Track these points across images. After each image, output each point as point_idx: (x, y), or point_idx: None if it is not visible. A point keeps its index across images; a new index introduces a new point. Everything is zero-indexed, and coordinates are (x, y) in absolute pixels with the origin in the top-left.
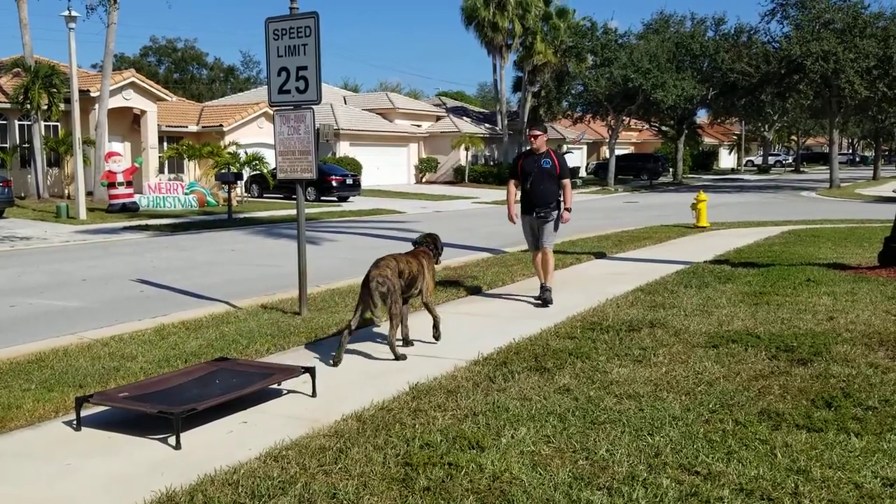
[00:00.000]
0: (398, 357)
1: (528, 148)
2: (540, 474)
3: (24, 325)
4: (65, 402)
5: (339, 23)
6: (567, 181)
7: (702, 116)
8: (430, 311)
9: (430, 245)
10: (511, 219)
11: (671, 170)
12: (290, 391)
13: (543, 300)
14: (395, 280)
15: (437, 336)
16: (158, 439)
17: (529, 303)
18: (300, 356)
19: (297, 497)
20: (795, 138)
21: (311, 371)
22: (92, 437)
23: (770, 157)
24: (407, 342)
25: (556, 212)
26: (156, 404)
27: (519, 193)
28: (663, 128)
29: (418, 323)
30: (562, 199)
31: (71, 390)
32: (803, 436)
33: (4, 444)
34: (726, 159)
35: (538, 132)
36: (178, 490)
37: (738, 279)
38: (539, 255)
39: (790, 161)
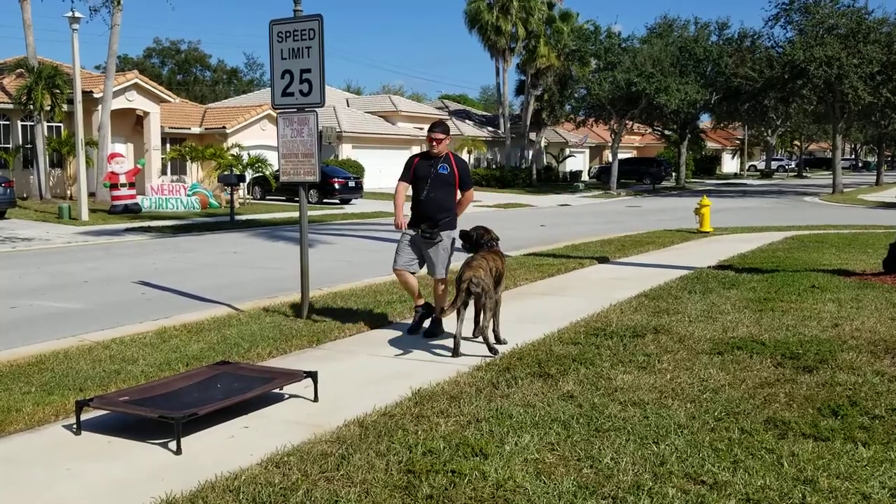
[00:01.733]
0: (492, 350)
1: (425, 149)
2: (544, 483)
3: (24, 327)
4: (65, 406)
5: (342, 25)
6: (469, 192)
7: (705, 121)
8: (497, 307)
9: (493, 241)
10: (399, 224)
11: (674, 174)
12: (291, 396)
13: (419, 323)
14: (489, 279)
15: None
16: (159, 444)
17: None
18: (302, 360)
19: None
20: (798, 143)
21: (313, 376)
22: (92, 441)
23: (773, 162)
24: (499, 341)
25: (449, 231)
26: (157, 408)
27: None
28: (666, 132)
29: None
30: (458, 206)
31: (71, 393)
32: (810, 445)
33: (4, 448)
34: (729, 164)
35: (441, 135)
36: (179, 496)
37: (743, 285)
38: (405, 274)
39: (793, 166)
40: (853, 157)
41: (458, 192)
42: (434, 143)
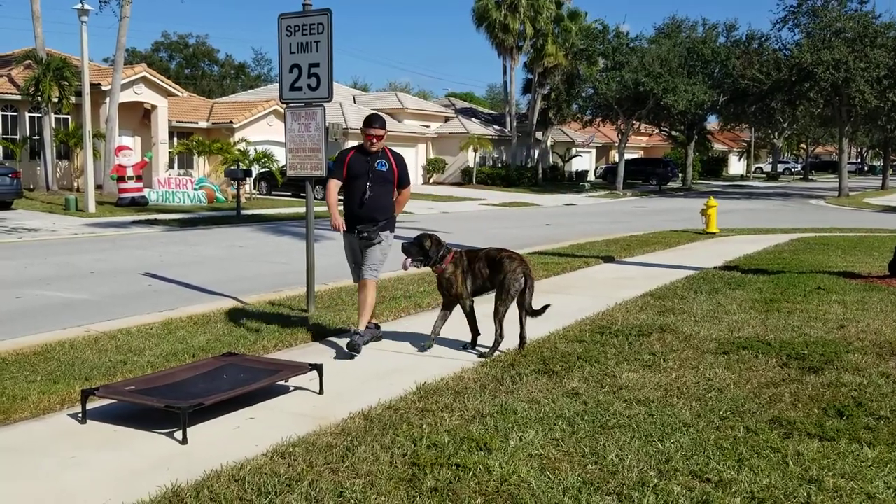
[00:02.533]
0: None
1: (359, 144)
2: (548, 478)
3: (30, 317)
4: (70, 395)
5: (349, 23)
6: (407, 190)
7: (712, 122)
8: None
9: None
10: (336, 225)
11: (680, 175)
12: (297, 388)
13: (351, 345)
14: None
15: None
16: (165, 434)
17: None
18: (307, 353)
19: (303, 495)
20: (805, 146)
21: (318, 368)
22: (97, 430)
23: (779, 165)
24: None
25: (387, 231)
26: (163, 398)
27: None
28: (673, 133)
29: (424, 323)
30: (396, 205)
31: (77, 383)
32: (815, 444)
33: (9, 437)
34: (736, 166)
35: (381, 131)
36: (184, 486)
37: (749, 286)
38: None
39: (799, 169)
40: (859, 160)
41: (396, 190)
42: (374, 141)
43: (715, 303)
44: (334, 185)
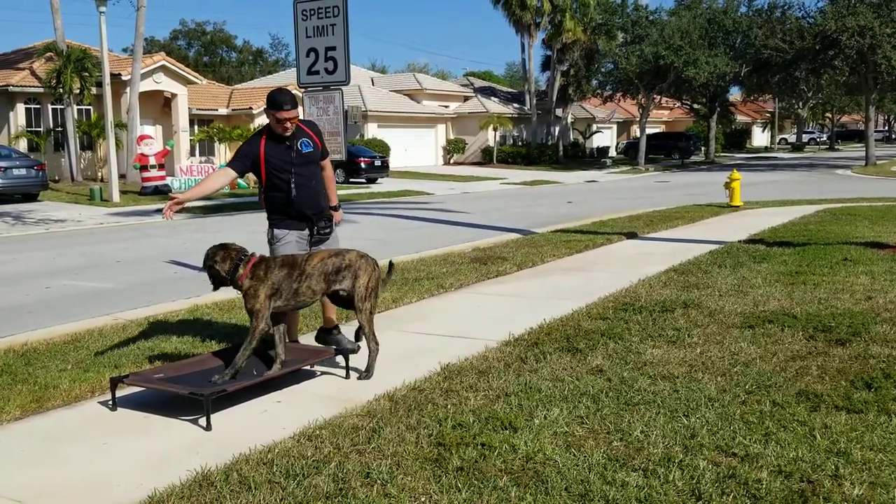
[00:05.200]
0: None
1: (266, 126)
2: (574, 455)
3: (59, 306)
4: (100, 383)
5: (366, 3)
6: (328, 161)
7: (734, 94)
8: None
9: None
10: (168, 208)
11: (703, 149)
12: (323, 372)
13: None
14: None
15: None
16: (193, 420)
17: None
18: None
19: (331, 476)
20: (830, 115)
21: (343, 352)
22: (127, 417)
23: (804, 135)
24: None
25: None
26: (190, 385)
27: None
28: (695, 106)
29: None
30: (327, 190)
31: (106, 370)
32: (843, 417)
33: (42, 424)
34: (759, 137)
35: (296, 111)
36: (214, 469)
37: (774, 259)
38: None
39: (825, 139)
40: (886, 128)
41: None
42: (289, 125)
43: (739, 277)
44: (224, 173)
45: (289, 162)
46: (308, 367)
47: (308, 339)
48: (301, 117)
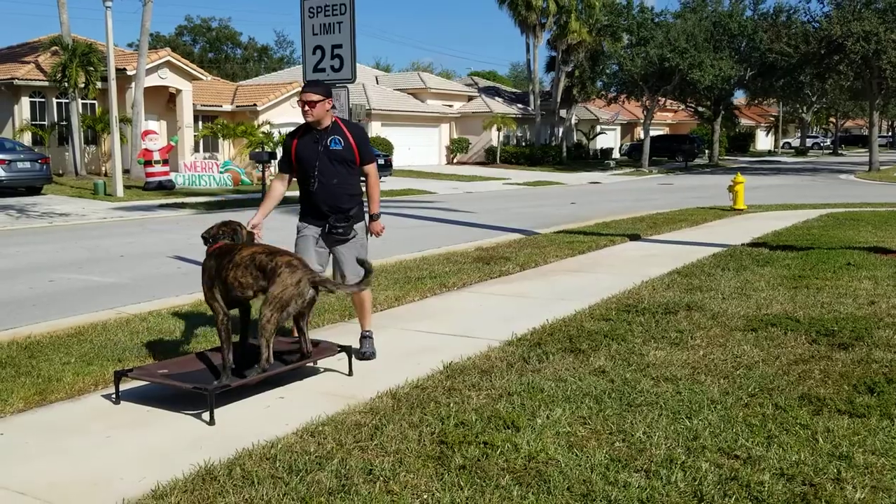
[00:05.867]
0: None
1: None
2: (576, 455)
3: (63, 300)
4: (104, 376)
5: (371, 1)
6: (372, 168)
7: (739, 97)
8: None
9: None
10: (252, 224)
11: (707, 151)
12: (326, 369)
13: (362, 354)
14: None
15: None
16: (197, 414)
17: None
18: (335, 334)
19: (333, 472)
20: (834, 120)
21: (347, 350)
22: (131, 410)
23: (808, 140)
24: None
25: (362, 222)
26: (194, 380)
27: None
28: (699, 109)
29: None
30: (367, 197)
31: (110, 364)
32: (845, 421)
33: (46, 417)
34: (763, 141)
35: (316, 96)
36: (217, 464)
37: (777, 262)
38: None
39: (828, 143)
40: (890, 134)
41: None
42: (307, 108)
43: (743, 280)
44: (279, 183)
45: (314, 156)
46: (311, 364)
47: (327, 334)
48: (331, 111)
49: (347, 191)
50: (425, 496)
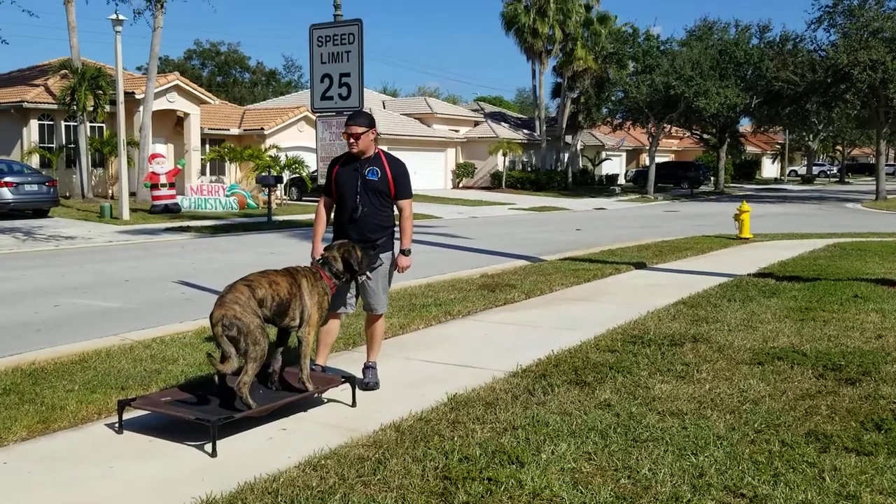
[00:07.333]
0: (248, 405)
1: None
2: (581, 492)
3: (67, 325)
4: (107, 404)
5: (377, 26)
6: (406, 203)
7: (745, 125)
8: (301, 347)
9: (326, 262)
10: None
11: (712, 179)
12: (330, 400)
13: (366, 384)
14: (250, 316)
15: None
16: (199, 445)
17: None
18: (338, 362)
19: None
20: (841, 148)
21: (350, 380)
22: (134, 440)
23: (814, 168)
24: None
25: (390, 252)
26: (197, 410)
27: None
28: (705, 136)
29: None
30: (399, 231)
31: (113, 392)
32: (852, 459)
33: (49, 445)
34: (769, 169)
35: (359, 128)
36: (219, 497)
37: (783, 293)
38: (337, 321)
39: (835, 171)
40: None
41: (392, 203)
42: (352, 141)
43: (749, 311)
44: (323, 206)
45: (352, 185)
46: (315, 395)
47: (330, 362)
48: (360, 138)
49: (377, 221)
50: None
